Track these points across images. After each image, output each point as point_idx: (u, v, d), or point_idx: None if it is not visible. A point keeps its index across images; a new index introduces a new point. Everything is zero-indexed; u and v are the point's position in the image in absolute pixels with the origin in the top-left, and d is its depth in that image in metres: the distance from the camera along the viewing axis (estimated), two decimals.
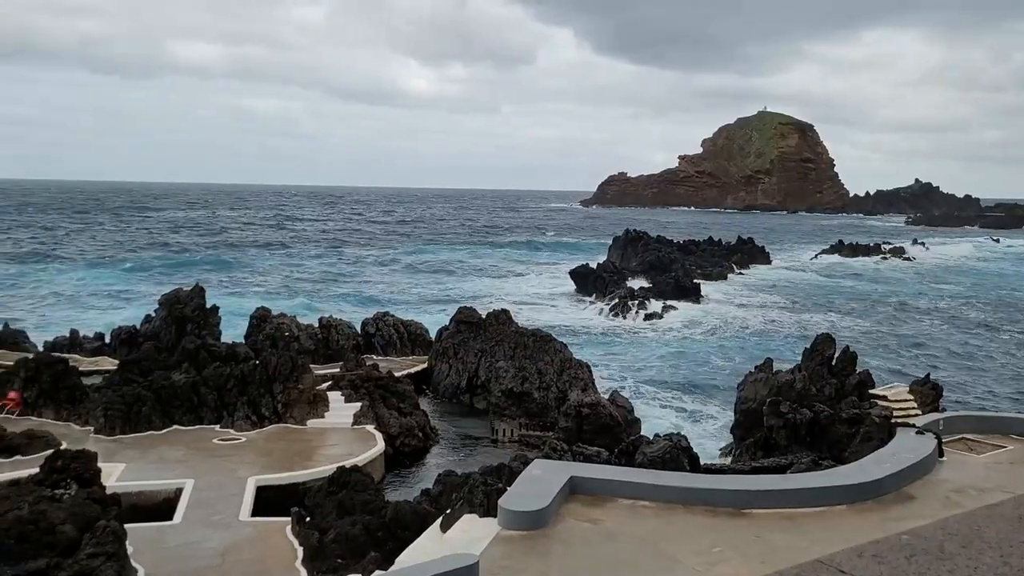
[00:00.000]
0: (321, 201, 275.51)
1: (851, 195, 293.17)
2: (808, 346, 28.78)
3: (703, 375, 39.03)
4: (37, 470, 16.53)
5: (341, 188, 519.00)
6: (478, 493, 12.93)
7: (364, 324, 36.82)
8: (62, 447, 19.63)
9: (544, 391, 28.68)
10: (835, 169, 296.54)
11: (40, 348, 33.80)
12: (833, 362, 27.72)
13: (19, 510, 14.43)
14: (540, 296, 67.30)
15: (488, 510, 12.28)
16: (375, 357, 33.77)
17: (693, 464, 17.45)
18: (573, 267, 71.22)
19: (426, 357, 34.38)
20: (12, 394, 25.00)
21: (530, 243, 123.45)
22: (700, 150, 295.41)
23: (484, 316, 33.82)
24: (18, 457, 20.92)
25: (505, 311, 34.60)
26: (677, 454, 17.29)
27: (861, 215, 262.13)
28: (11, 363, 27.16)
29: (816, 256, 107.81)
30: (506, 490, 11.31)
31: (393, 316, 38.02)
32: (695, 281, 66.25)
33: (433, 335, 35.69)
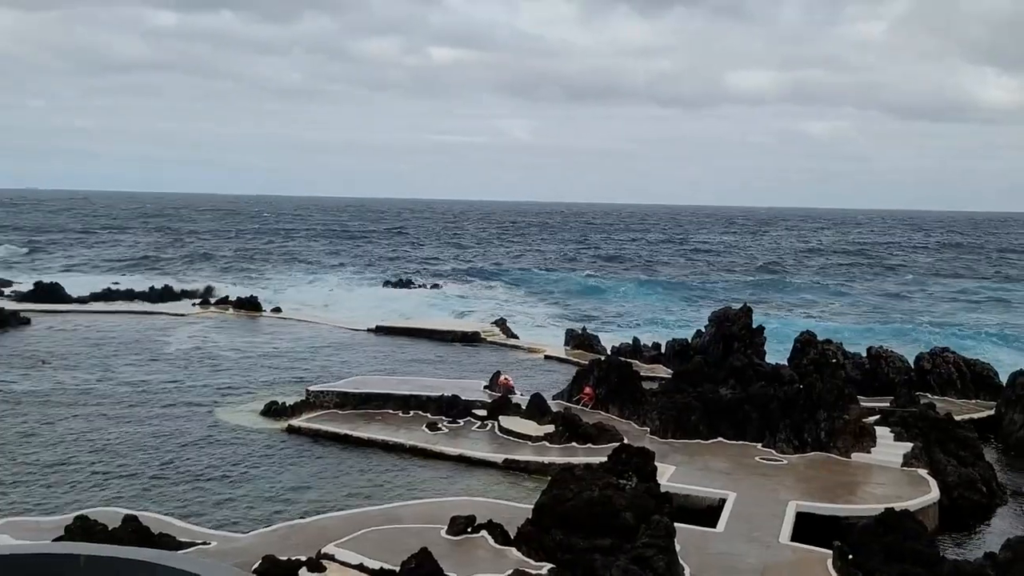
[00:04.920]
0: (881, 223, 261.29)
1: None
2: None
3: None
4: (605, 459, 18.91)
5: (906, 212, 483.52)
6: None
7: (918, 359, 33.95)
8: (624, 442, 22.11)
9: None
10: None
11: (608, 352, 38.42)
12: None
13: (591, 492, 16.63)
14: None
15: None
16: (930, 396, 30.90)
17: None
18: None
19: (993, 403, 30.29)
20: (588, 389, 28.89)
21: None
22: None
23: None
24: (590, 445, 24.11)
25: None
26: None
27: None
28: (587, 363, 31.56)
29: None
30: None
31: (955, 353, 34.33)
32: None
33: (1004, 378, 31.28)
